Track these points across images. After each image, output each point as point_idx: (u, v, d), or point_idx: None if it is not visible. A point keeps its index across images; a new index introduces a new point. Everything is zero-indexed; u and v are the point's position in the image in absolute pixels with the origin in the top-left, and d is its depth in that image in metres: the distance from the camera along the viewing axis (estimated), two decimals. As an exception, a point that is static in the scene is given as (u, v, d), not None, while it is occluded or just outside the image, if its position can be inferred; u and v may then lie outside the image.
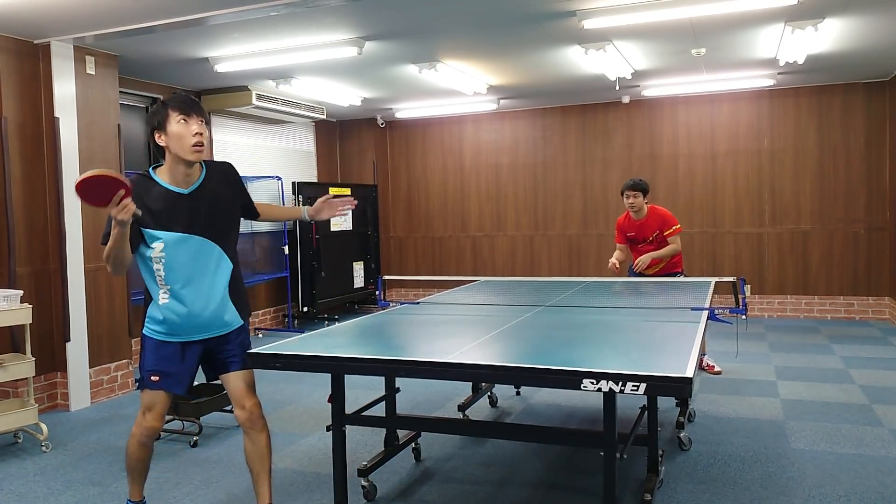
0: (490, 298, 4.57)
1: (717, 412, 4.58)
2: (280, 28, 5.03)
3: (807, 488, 3.35)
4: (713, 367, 5.73)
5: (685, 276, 5.59)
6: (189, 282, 2.68)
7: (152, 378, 2.75)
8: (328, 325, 6.78)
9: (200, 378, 3.21)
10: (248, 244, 7.73)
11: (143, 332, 2.79)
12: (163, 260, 2.65)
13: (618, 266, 5.51)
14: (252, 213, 2.99)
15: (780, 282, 8.08)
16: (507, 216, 9.25)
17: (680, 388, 2.18)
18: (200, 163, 2.72)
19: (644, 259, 5.42)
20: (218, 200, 2.75)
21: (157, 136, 2.63)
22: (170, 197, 2.65)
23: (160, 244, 2.63)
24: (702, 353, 5.53)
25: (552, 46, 5.80)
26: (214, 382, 3.11)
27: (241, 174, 2.96)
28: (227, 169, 2.87)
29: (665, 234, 5.46)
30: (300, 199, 8.09)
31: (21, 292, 4.35)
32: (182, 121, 2.60)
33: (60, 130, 5.04)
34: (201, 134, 2.63)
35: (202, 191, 2.71)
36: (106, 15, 4.48)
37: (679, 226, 5.54)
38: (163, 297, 2.68)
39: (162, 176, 2.68)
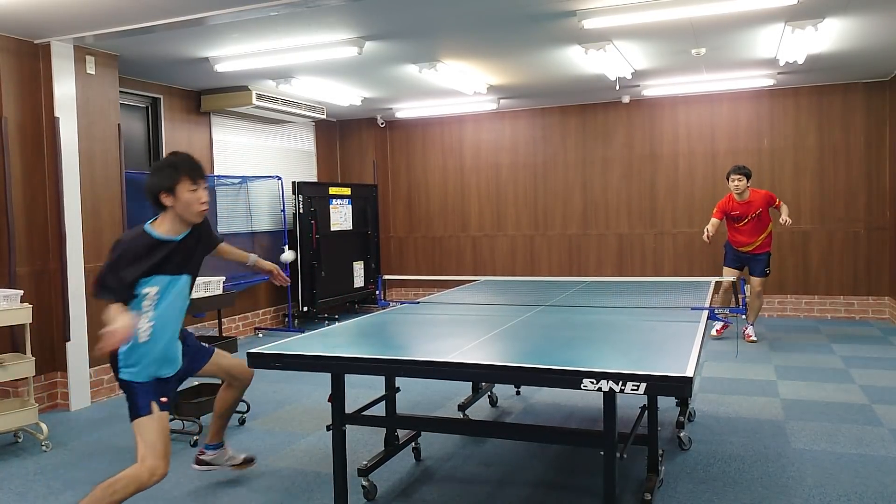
0: (490, 298, 4.57)
1: (717, 412, 4.59)
2: (280, 28, 5.03)
3: (807, 488, 3.35)
4: (751, 336, 6.66)
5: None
6: (166, 319, 2.89)
7: (161, 400, 2.82)
8: (328, 325, 6.78)
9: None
10: (248, 244, 7.73)
11: (123, 377, 2.81)
12: (154, 301, 2.83)
13: (710, 237, 6.33)
14: (213, 248, 3.22)
15: (780, 281, 8.07)
16: (507, 216, 9.25)
17: (680, 388, 2.19)
18: None
19: (787, 218, 6.32)
20: (198, 239, 2.99)
21: (163, 196, 2.78)
22: (167, 246, 2.84)
23: (154, 288, 2.81)
24: (749, 322, 6.76)
25: (552, 46, 5.80)
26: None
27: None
28: None
29: (775, 206, 6.55)
30: (300, 199, 8.10)
31: (21, 292, 4.35)
32: (192, 189, 2.81)
33: (60, 130, 5.04)
34: (206, 200, 2.89)
35: (189, 235, 2.92)
36: (106, 15, 4.48)
37: (778, 199, 6.64)
38: (142, 336, 2.80)
39: (159, 230, 2.84)
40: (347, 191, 8.87)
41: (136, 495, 2.68)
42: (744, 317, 6.64)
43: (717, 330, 6.94)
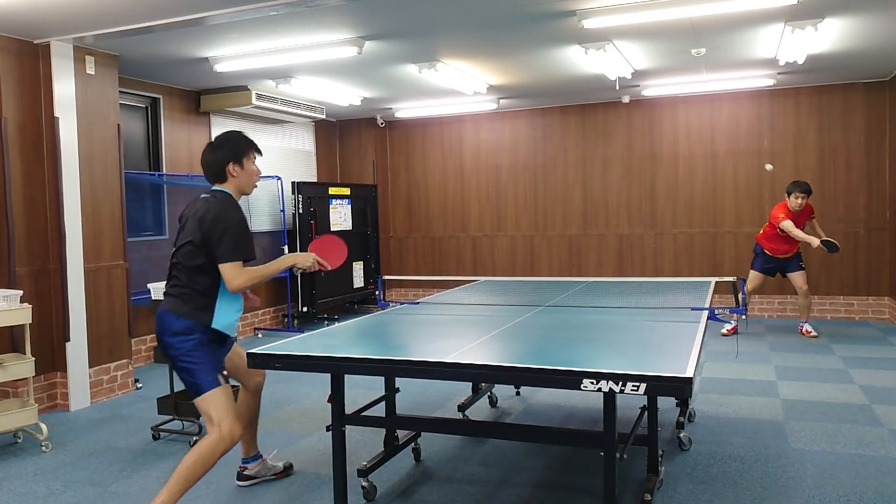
0: (490, 298, 4.57)
1: (717, 412, 4.58)
2: (280, 28, 5.03)
3: (807, 488, 3.35)
4: (811, 332, 6.92)
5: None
6: None
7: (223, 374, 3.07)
8: (328, 325, 6.78)
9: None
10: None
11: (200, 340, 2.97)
12: None
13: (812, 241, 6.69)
14: None
15: (780, 282, 8.06)
16: (507, 216, 9.25)
17: (680, 388, 2.19)
18: None
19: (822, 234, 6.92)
20: None
21: (232, 166, 2.98)
22: None
23: None
24: (803, 321, 7.04)
25: (552, 46, 5.80)
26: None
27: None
28: None
29: (811, 218, 6.96)
30: (300, 199, 8.10)
31: (21, 292, 4.35)
32: (255, 160, 3.07)
33: (60, 130, 5.04)
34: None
35: None
36: (106, 15, 4.48)
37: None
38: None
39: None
40: (347, 191, 8.87)
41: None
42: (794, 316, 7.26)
43: (727, 329, 7.10)
